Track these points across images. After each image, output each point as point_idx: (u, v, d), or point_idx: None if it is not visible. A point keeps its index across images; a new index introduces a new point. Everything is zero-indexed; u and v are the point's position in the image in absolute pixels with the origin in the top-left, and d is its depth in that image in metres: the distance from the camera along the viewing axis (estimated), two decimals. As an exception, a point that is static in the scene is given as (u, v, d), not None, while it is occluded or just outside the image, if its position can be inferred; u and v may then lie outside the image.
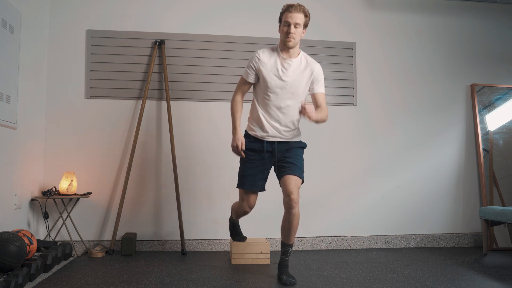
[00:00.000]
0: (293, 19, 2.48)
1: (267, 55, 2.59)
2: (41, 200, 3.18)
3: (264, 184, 2.68)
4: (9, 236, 2.34)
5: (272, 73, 2.55)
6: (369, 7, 3.81)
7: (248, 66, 2.61)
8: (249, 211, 2.75)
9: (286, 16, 2.50)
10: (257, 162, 2.62)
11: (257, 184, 2.64)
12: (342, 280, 2.55)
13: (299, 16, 2.49)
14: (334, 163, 3.65)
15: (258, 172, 2.63)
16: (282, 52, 2.57)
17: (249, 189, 2.64)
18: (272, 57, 2.58)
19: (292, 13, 2.48)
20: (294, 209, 2.43)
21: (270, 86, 2.54)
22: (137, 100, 3.48)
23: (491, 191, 3.76)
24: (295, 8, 2.49)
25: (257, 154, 2.62)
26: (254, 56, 2.60)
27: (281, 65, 2.55)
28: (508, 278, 2.63)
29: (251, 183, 2.63)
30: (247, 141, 2.65)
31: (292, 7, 2.49)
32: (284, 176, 2.52)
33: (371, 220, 3.67)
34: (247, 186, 2.64)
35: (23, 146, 3.00)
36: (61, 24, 3.44)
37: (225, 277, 2.63)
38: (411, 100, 3.80)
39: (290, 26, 2.49)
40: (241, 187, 2.67)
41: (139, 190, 3.44)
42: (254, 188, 2.64)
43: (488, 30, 3.95)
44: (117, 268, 2.79)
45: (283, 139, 2.60)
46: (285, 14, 2.51)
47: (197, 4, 3.59)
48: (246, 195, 2.68)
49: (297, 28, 2.50)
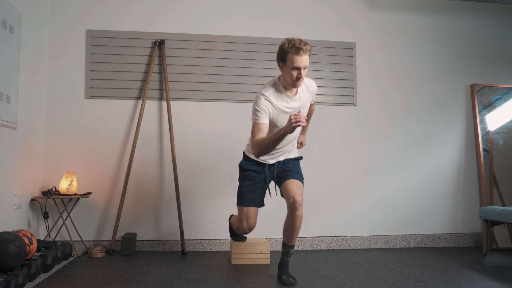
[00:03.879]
0: (303, 63, 2.33)
1: (273, 95, 2.45)
2: (41, 200, 3.18)
3: (263, 199, 2.68)
4: (9, 236, 2.34)
5: (281, 114, 2.47)
6: (369, 7, 3.81)
7: (259, 110, 2.42)
8: (248, 232, 2.68)
9: (295, 60, 2.32)
10: (257, 179, 2.65)
11: (257, 200, 2.64)
12: (342, 280, 2.55)
13: (307, 58, 2.35)
14: (334, 163, 3.65)
15: (258, 188, 2.65)
16: (286, 90, 2.47)
17: (249, 205, 2.62)
18: (278, 97, 2.46)
19: (301, 57, 2.32)
20: (297, 211, 2.41)
21: (279, 125, 2.48)
22: (137, 100, 3.48)
23: (491, 191, 3.76)
24: (304, 51, 2.32)
25: (257, 173, 2.65)
26: (262, 100, 2.42)
27: (288, 103, 2.47)
28: (508, 278, 2.63)
29: (250, 199, 2.63)
30: (246, 162, 2.68)
31: (300, 50, 2.31)
32: (286, 181, 2.52)
33: (371, 220, 3.67)
34: (246, 202, 2.62)
35: (23, 146, 3.00)
36: (61, 24, 3.44)
37: (225, 277, 2.63)
38: (411, 100, 3.80)
39: (300, 70, 2.35)
40: (241, 204, 2.65)
41: (139, 190, 3.44)
42: (253, 204, 2.63)
43: (488, 30, 3.96)
44: (117, 268, 2.79)
45: (282, 159, 2.64)
46: (293, 58, 2.32)
47: (197, 4, 3.60)
48: (245, 212, 2.62)
49: (305, 70, 2.38)
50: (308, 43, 2.35)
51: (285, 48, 2.36)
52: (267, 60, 3.60)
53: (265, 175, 2.64)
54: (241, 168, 2.71)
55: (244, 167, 2.69)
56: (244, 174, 2.68)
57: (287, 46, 2.35)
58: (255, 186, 2.62)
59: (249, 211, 2.62)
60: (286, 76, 2.42)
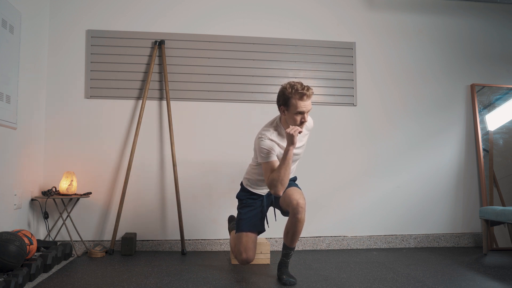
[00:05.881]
0: (307, 108, 2.37)
1: (276, 137, 2.48)
2: (41, 200, 3.18)
3: (263, 224, 2.69)
4: (9, 236, 2.34)
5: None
6: (369, 7, 3.81)
7: (268, 150, 2.43)
8: (246, 264, 2.66)
9: (299, 105, 2.35)
10: (255, 205, 2.69)
11: (256, 224, 2.66)
12: (342, 280, 2.55)
13: (310, 103, 2.39)
14: (334, 163, 3.65)
15: (257, 213, 2.68)
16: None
17: (249, 230, 2.63)
18: (281, 140, 2.49)
19: (306, 102, 2.36)
20: (300, 215, 2.40)
21: None
22: (137, 100, 3.48)
23: (491, 191, 3.76)
24: (307, 96, 2.35)
25: (255, 200, 2.69)
26: (267, 142, 2.44)
27: None
28: (508, 278, 2.63)
29: (249, 223, 2.65)
30: (243, 194, 2.73)
31: (304, 95, 2.34)
32: (286, 190, 2.49)
33: (371, 220, 3.67)
34: (246, 227, 2.64)
35: (23, 146, 3.00)
36: (61, 24, 3.44)
37: (225, 277, 2.63)
38: (411, 100, 3.80)
39: (304, 114, 2.38)
40: (240, 229, 2.65)
41: (139, 190, 3.44)
42: (253, 228, 2.65)
43: (488, 30, 3.96)
44: (117, 268, 2.79)
45: None
46: (297, 103, 2.35)
47: (197, 4, 3.60)
48: (244, 242, 2.60)
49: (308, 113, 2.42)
50: (310, 87, 2.38)
51: (287, 94, 2.38)
52: (267, 60, 3.60)
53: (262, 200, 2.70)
54: (239, 199, 2.77)
55: (242, 198, 2.75)
56: (242, 203, 2.74)
57: (290, 91, 2.36)
58: (254, 212, 2.67)
59: (248, 239, 2.61)
60: (289, 120, 2.43)
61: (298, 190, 2.52)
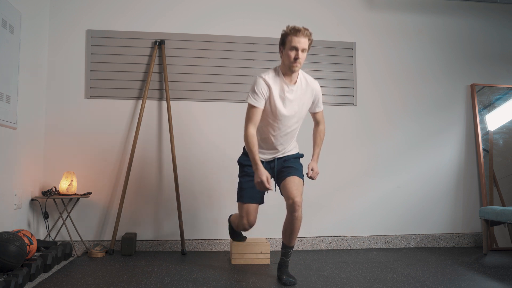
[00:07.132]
0: (300, 44, 2.38)
1: (272, 80, 2.48)
2: (41, 200, 3.18)
3: (263, 196, 2.67)
4: (9, 236, 2.34)
5: (280, 101, 2.48)
6: (369, 7, 3.81)
7: (256, 91, 2.45)
8: (248, 229, 2.69)
9: (293, 40, 2.38)
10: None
11: (256, 196, 2.64)
12: (342, 280, 2.55)
13: (306, 41, 2.40)
14: (334, 163, 3.65)
15: None
16: (285, 77, 2.49)
17: (248, 201, 2.63)
18: (276, 83, 2.48)
19: (300, 38, 2.38)
20: (297, 212, 2.40)
21: (276, 113, 2.49)
22: (137, 100, 3.48)
23: (491, 191, 3.76)
24: (302, 32, 2.38)
25: None
26: (261, 81, 2.46)
27: (285, 90, 2.48)
28: (508, 278, 2.63)
29: (249, 195, 2.63)
30: (245, 158, 2.68)
31: (299, 31, 2.38)
32: (285, 179, 2.51)
33: (371, 220, 3.67)
34: (246, 198, 2.63)
35: (23, 146, 3.00)
36: (61, 24, 3.44)
37: (225, 277, 2.63)
38: (411, 100, 3.80)
39: (297, 51, 2.39)
40: (240, 200, 2.65)
41: (139, 190, 3.44)
42: (253, 200, 2.63)
43: (488, 30, 3.96)
44: (117, 268, 2.79)
45: (281, 156, 2.63)
46: (292, 38, 2.39)
47: (197, 4, 3.60)
48: (245, 209, 2.63)
49: (303, 53, 2.41)
50: (309, 30, 2.42)
51: (285, 31, 2.44)
52: (267, 60, 3.59)
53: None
54: (240, 164, 2.72)
55: (243, 163, 2.69)
56: (243, 170, 2.69)
57: (288, 28, 2.44)
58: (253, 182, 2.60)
59: (249, 207, 2.62)
60: (284, 59, 2.46)
61: (296, 183, 2.49)
